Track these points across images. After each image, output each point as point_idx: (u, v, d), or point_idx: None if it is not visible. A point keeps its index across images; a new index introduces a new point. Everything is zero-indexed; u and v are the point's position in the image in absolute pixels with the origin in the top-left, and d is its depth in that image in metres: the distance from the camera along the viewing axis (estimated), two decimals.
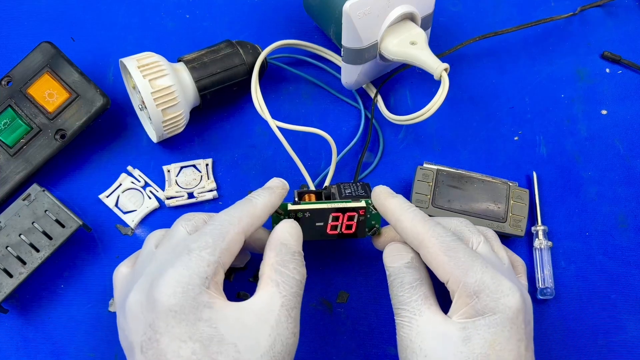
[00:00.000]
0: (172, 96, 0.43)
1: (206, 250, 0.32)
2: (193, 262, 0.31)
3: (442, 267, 0.34)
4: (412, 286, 0.35)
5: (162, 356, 0.30)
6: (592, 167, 0.49)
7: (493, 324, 0.32)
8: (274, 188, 0.38)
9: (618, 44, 0.54)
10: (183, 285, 0.31)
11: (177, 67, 0.45)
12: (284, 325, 0.32)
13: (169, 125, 0.44)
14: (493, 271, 0.34)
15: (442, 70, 0.42)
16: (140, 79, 0.42)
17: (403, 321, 0.34)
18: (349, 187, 0.41)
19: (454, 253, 0.34)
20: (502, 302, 0.32)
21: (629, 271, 0.45)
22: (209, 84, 0.45)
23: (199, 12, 0.54)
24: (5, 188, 0.43)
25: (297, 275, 0.34)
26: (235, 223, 0.34)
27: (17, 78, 0.45)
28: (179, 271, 0.31)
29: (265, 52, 0.47)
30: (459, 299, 0.34)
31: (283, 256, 0.34)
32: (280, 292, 0.33)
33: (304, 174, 0.45)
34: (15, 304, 0.42)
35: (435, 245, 0.35)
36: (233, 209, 0.35)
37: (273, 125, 0.44)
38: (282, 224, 0.36)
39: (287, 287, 0.33)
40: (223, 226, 0.33)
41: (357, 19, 0.42)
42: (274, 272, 0.33)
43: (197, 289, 0.31)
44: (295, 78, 0.51)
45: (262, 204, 0.36)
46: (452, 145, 0.49)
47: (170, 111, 0.43)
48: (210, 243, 0.32)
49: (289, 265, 0.34)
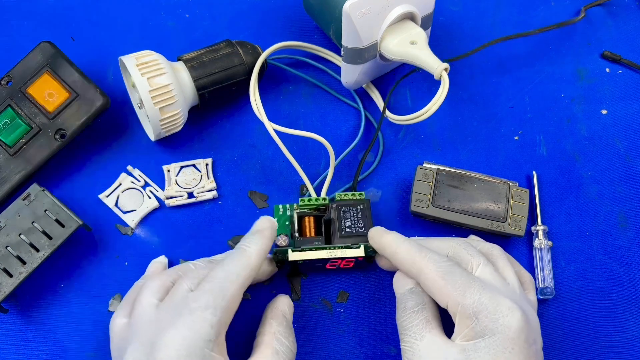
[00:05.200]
0: (170, 94, 0.43)
1: (208, 310, 0.32)
2: (197, 324, 0.31)
3: (440, 292, 0.35)
4: (414, 311, 0.36)
5: None
6: (592, 166, 0.49)
7: (493, 345, 0.32)
8: (263, 231, 0.38)
9: (618, 44, 0.54)
10: (186, 349, 0.30)
11: (176, 66, 0.45)
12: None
13: (167, 124, 0.44)
14: (491, 292, 0.34)
15: (442, 70, 0.42)
16: (139, 77, 0.42)
17: (405, 346, 0.35)
18: (349, 213, 0.41)
19: (450, 277, 0.35)
20: (500, 323, 0.32)
21: (629, 271, 0.45)
22: (208, 83, 0.45)
23: (199, 12, 0.54)
24: (5, 188, 0.43)
25: (293, 349, 0.35)
26: (234, 280, 0.34)
27: (17, 78, 0.45)
28: (182, 333, 0.31)
29: (265, 54, 0.47)
30: (459, 322, 0.34)
31: (284, 328, 0.36)
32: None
33: (303, 178, 0.45)
34: (15, 304, 0.42)
35: (432, 271, 0.35)
36: (229, 263, 0.35)
37: (270, 129, 0.44)
38: (283, 298, 0.38)
39: (284, 357, 0.34)
40: (222, 284, 0.33)
41: (357, 18, 0.42)
42: (276, 341, 0.35)
43: (201, 352, 0.31)
44: (295, 79, 0.51)
45: (256, 252, 0.36)
46: (452, 145, 0.49)
47: (168, 110, 0.43)
48: (211, 302, 0.32)
49: (289, 337, 0.36)
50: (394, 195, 0.47)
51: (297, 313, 0.43)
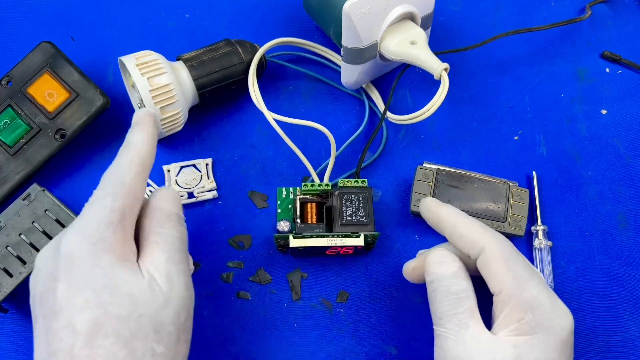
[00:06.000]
0: (170, 94, 0.43)
1: (107, 198, 0.32)
2: (96, 210, 0.31)
3: (498, 277, 0.33)
4: (459, 297, 0.34)
5: (57, 305, 0.29)
6: (592, 166, 0.49)
7: (546, 343, 0.31)
8: (143, 119, 0.36)
9: (618, 44, 0.54)
10: (85, 232, 0.30)
11: (175, 65, 0.45)
12: (174, 279, 0.32)
13: (168, 124, 0.44)
14: (549, 290, 0.33)
15: (442, 70, 0.42)
16: (139, 77, 0.42)
17: (447, 334, 0.33)
18: (350, 202, 0.41)
19: (513, 264, 0.33)
20: (557, 323, 0.32)
21: (629, 271, 0.45)
22: (208, 83, 0.45)
23: (198, 12, 0.54)
24: (5, 188, 0.43)
25: (175, 233, 0.34)
26: (128, 167, 0.33)
27: (17, 78, 0.45)
28: (83, 221, 0.31)
29: (264, 49, 0.47)
30: (509, 314, 0.32)
31: (158, 219, 0.34)
32: (162, 249, 0.32)
33: (304, 163, 0.45)
34: (15, 303, 0.42)
35: (496, 252, 0.33)
36: (119, 158, 0.34)
37: (270, 118, 0.44)
38: (156, 192, 0.35)
39: (167, 244, 0.33)
40: (118, 174, 0.33)
41: (357, 18, 0.42)
42: (152, 234, 0.33)
43: (99, 235, 0.30)
44: (295, 77, 0.51)
45: (142, 140, 0.35)
46: (452, 145, 0.49)
47: (169, 109, 0.43)
48: (110, 191, 0.32)
49: (166, 224, 0.34)
50: (394, 195, 0.47)
51: (297, 313, 0.43)
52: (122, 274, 0.30)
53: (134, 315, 0.29)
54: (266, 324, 0.42)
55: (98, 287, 0.29)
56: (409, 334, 0.42)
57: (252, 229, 0.45)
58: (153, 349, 0.29)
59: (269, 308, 0.43)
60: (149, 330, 0.29)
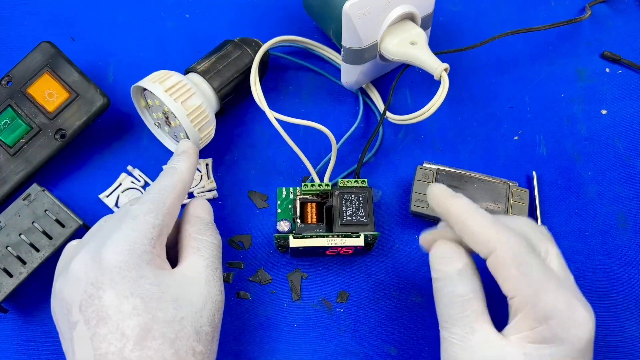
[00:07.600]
0: (204, 113, 0.43)
1: (150, 214, 0.34)
2: (139, 225, 0.33)
3: (510, 282, 0.31)
4: (465, 299, 0.32)
5: (104, 312, 0.31)
6: (592, 166, 0.49)
7: (559, 354, 0.29)
8: (188, 150, 0.40)
9: (618, 44, 0.54)
10: (130, 244, 0.32)
11: (195, 80, 0.45)
12: (212, 284, 0.35)
13: (204, 141, 0.44)
14: (565, 295, 0.30)
15: (442, 70, 0.42)
16: (172, 103, 0.41)
17: (453, 338, 0.32)
18: (350, 202, 0.41)
19: (526, 268, 0.31)
20: (573, 333, 0.30)
21: (628, 271, 0.45)
22: (230, 90, 0.46)
23: (199, 12, 0.54)
24: (5, 188, 0.44)
25: (214, 240, 0.37)
26: (171, 190, 0.36)
27: (17, 78, 0.45)
28: (126, 233, 0.33)
29: (266, 46, 0.47)
30: (522, 320, 0.31)
31: (199, 227, 0.37)
32: (202, 255, 0.36)
33: (305, 163, 0.45)
34: (15, 304, 0.42)
35: (507, 256, 0.31)
36: (164, 179, 0.37)
37: (271, 117, 0.44)
38: (193, 201, 0.39)
39: (207, 250, 0.36)
40: (161, 194, 0.36)
41: (357, 19, 0.42)
42: (193, 240, 0.36)
43: (143, 248, 0.33)
44: (296, 78, 0.51)
45: (186, 168, 0.38)
46: (452, 145, 0.49)
47: (205, 128, 0.43)
48: (152, 208, 0.34)
49: (207, 232, 0.37)
50: (394, 195, 0.47)
51: (297, 313, 0.43)
52: (165, 281, 0.33)
53: (177, 318, 0.32)
54: (266, 324, 0.42)
55: (145, 295, 0.32)
56: (409, 334, 0.42)
57: (252, 229, 0.45)
58: (194, 348, 0.32)
59: (269, 308, 0.43)
60: (190, 332, 0.32)
